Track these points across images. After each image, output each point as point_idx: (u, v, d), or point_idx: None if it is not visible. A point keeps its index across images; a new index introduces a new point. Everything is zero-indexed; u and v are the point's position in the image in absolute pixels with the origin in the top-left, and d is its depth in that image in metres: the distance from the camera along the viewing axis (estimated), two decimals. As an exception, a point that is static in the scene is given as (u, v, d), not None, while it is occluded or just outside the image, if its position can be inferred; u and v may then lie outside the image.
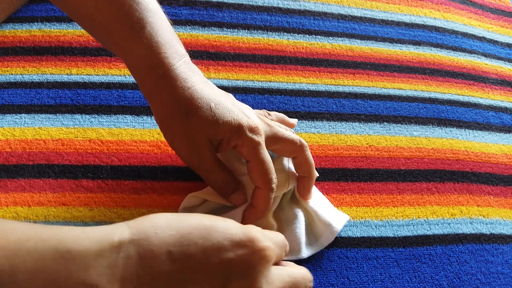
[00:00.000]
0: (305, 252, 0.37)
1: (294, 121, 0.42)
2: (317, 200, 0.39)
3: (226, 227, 0.27)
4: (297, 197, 0.39)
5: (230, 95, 0.36)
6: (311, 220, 0.39)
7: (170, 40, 0.33)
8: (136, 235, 0.25)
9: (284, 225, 0.38)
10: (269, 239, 0.28)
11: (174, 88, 0.33)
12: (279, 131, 0.36)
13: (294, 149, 0.37)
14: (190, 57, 0.36)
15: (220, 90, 0.36)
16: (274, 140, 0.36)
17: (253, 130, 0.34)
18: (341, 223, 0.39)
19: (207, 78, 0.47)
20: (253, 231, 0.28)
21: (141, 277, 0.24)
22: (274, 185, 0.35)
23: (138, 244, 0.25)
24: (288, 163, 0.39)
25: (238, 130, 0.33)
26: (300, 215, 0.39)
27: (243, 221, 0.36)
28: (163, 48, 0.32)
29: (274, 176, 0.35)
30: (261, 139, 0.34)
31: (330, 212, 0.39)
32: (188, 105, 0.33)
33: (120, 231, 0.25)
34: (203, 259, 0.25)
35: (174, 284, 0.25)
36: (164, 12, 0.35)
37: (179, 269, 0.25)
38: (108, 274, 0.23)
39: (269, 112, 0.40)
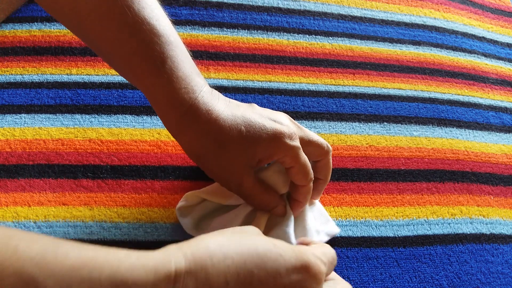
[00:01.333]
0: None
1: None
2: (317, 206, 0.40)
3: (279, 254, 0.26)
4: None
5: (254, 105, 0.35)
6: (307, 224, 0.39)
7: (190, 73, 0.32)
8: (193, 264, 0.24)
9: (274, 225, 0.38)
10: (320, 260, 0.28)
11: (200, 123, 0.32)
12: (310, 134, 0.36)
13: (321, 153, 0.37)
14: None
15: (243, 104, 0.35)
16: (304, 142, 0.35)
17: (291, 137, 0.33)
18: (329, 235, 0.39)
19: (206, 78, 0.47)
20: (306, 255, 0.27)
21: None
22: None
23: (196, 276, 0.24)
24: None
25: (277, 142, 0.33)
26: (291, 218, 0.38)
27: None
28: (184, 83, 0.32)
29: (312, 171, 0.36)
30: (299, 143, 0.34)
31: (322, 221, 0.39)
32: (219, 138, 0.32)
33: (175, 260, 0.24)
34: (257, 286, 0.25)
35: None
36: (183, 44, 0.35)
37: None
38: None
39: None
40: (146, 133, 0.43)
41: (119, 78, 0.46)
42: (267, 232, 0.37)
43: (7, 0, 0.47)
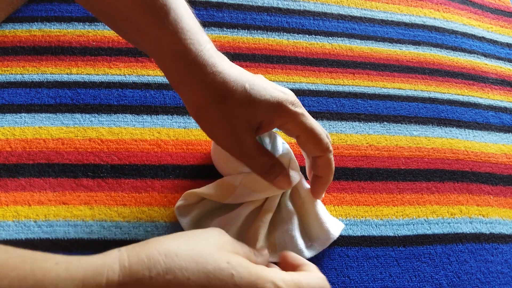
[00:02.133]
0: (303, 254, 0.37)
1: None
2: (319, 204, 0.39)
3: (231, 275, 0.24)
4: (302, 197, 0.39)
5: (261, 76, 0.35)
6: (306, 224, 0.39)
7: (194, 26, 0.32)
8: (128, 277, 0.23)
9: (277, 225, 0.38)
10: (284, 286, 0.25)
11: (205, 74, 0.31)
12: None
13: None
14: None
15: (249, 72, 0.34)
16: (304, 127, 0.33)
17: (293, 103, 0.32)
18: (338, 231, 0.38)
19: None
20: (262, 282, 0.25)
21: None
22: (331, 146, 0.34)
23: None
24: (291, 158, 0.39)
25: (279, 107, 0.32)
26: (294, 216, 0.38)
27: (313, 194, 0.36)
28: (189, 34, 0.31)
29: (328, 137, 0.34)
30: (303, 110, 0.33)
31: (328, 218, 0.39)
32: (222, 89, 0.31)
33: (109, 271, 0.22)
34: None
35: None
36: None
37: None
38: None
39: None
40: (146, 132, 0.43)
41: (119, 78, 0.46)
42: (270, 232, 0.37)
43: (8, 0, 0.47)
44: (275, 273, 0.26)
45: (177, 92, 0.33)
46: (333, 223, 0.39)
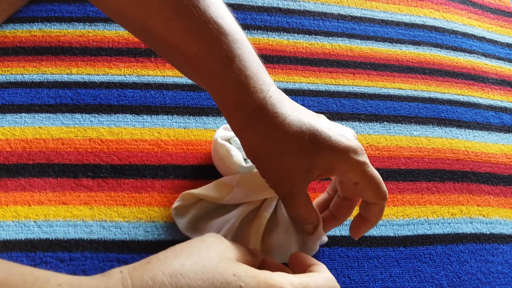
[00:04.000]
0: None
1: None
2: None
3: (238, 287, 0.24)
4: None
5: (322, 116, 0.33)
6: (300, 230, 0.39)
7: (258, 71, 0.31)
8: None
9: (272, 227, 0.38)
10: None
11: (266, 125, 0.30)
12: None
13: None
14: None
15: (311, 112, 0.33)
16: (366, 176, 0.32)
17: (356, 152, 0.31)
18: (325, 237, 0.38)
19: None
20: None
21: None
22: (387, 194, 0.33)
23: None
24: None
25: (342, 156, 0.31)
26: (289, 219, 0.38)
27: (353, 234, 0.35)
28: (252, 82, 0.30)
29: (384, 186, 0.32)
30: (366, 158, 0.32)
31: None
32: (281, 144, 0.30)
33: None
34: None
35: None
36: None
37: None
38: None
39: None
40: (146, 132, 0.43)
41: (119, 78, 0.46)
42: (266, 234, 0.37)
43: (9, 1, 0.47)
44: (283, 278, 0.26)
45: (239, 139, 0.33)
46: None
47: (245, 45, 0.31)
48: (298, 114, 0.31)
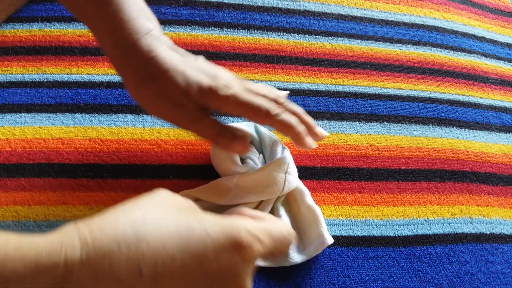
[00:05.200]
0: (293, 259, 0.36)
1: (283, 93, 0.38)
2: (316, 209, 0.39)
3: (205, 231, 0.23)
4: (298, 202, 0.39)
5: (200, 58, 0.36)
6: (302, 229, 0.38)
7: (136, 17, 0.33)
8: (93, 252, 0.20)
9: None
10: (255, 237, 0.24)
11: (140, 60, 0.32)
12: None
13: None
14: None
15: (188, 55, 0.35)
16: (240, 105, 0.34)
17: (218, 89, 0.33)
18: (331, 239, 0.37)
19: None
20: (237, 231, 0.24)
21: None
22: (275, 110, 0.34)
23: (95, 266, 0.20)
24: (289, 162, 0.39)
25: (209, 93, 0.33)
26: (287, 221, 0.38)
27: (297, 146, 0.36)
28: (127, 25, 0.32)
29: (266, 103, 0.34)
30: (235, 90, 0.34)
31: (324, 225, 0.38)
32: (155, 71, 0.32)
33: (68, 247, 0.20)
34: (182, 277, 0.22)
35: None
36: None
37: None
38: None
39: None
40: (146, 132, 0.43)
41: (119, 77, 0.46)
42: None
43: (9, 0, 0.47)
44: (245, 221, 0.25)
45: (120, 77, 0.35)
46: (326, 230, 0.38)
47: None
48: (173, 53, 0.34)
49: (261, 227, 0.25)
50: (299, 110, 0.37)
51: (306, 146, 0.36)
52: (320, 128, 0.38)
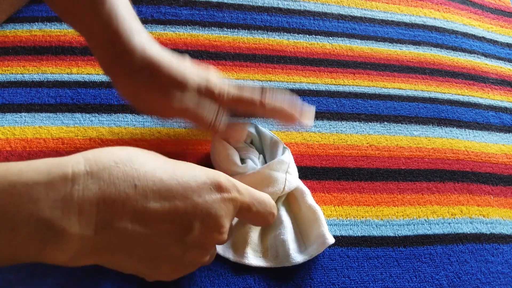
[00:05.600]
0: (294, 259, 0.36)
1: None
2: (317, 210, 0.38)
3: (191, 170, 0.27)
4: (299, 202, 0.39)
5: (187, 57, 0.37)
6: (303, 229, 0.38)
7: (128, 18, 0.34)
8: (95, 166, 0.23)
9: (269, 229, 0.38)
10: (235, 188, 0.28)
11: (134, 56, 0.33)
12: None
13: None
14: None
15: (177, 54, 0.36)
16: (234, 100, 0.36)
17: (214, 88, 0.35)
18: (332, 238, 0.37)
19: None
20: (218, 176, 0.28)
21: (103, 210, 0.23)
22: (258, 96, 0.36)
23: (98, 176, 0.23)
24: (289, 162, 0.39)
25: (206, 92, 0.35)
26: (287, 221, 0.38)
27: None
28: (122, 24, 0.33)
29: (258, 91, 0.36)
30: (227, 87, 0.36)
31: (325, 225, 0.38)
32: (150, 63, 0.33)
33: (73, 163, 0.23)
34: (169, 199, 0.25)
35: (138, 214, 0.24)
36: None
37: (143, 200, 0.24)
38: (62, 207, 0.22)
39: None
40: (147, 132, 0.43)
41: (119, 78, 0.46)
42: (262, 237, 0.37)
43: (9, 0, 0.47)
44: (222, 173, 0.29)
45: (108, 76, 0.35)
46: (327, 230, 0.38)
47: None
48: (165, 52, 0.34)
49: (242, 184, 0.29)
50: (283, 97, 0.39)
51: (290, 121, 0.38)
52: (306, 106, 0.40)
